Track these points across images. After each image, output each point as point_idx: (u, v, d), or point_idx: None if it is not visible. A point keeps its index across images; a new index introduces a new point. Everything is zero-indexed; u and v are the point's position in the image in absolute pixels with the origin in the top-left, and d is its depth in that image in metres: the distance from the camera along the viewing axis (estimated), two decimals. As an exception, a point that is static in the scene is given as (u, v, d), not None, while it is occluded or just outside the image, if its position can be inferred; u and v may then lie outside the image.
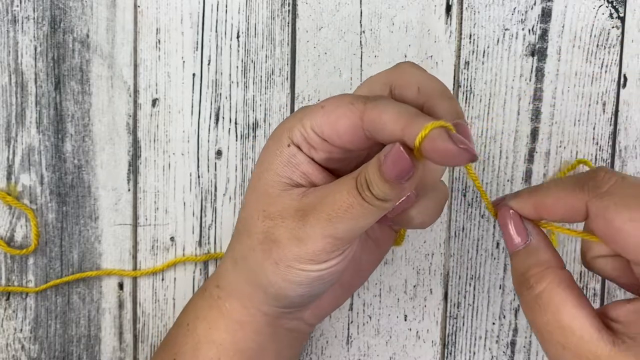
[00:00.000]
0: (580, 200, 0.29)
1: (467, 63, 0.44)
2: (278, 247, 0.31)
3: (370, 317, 0.46)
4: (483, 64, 0.44)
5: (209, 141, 0.44)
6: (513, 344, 0.46)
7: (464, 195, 0.45)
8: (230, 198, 0.45)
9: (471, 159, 0.26)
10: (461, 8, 0.44)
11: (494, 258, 0.45)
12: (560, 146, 0.45)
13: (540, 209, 0.31)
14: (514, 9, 0.44)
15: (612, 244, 0.28)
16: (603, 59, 0.45)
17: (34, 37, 0.43)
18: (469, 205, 0.45)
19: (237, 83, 0.44)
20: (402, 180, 0.28)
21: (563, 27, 0.44)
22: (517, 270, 0.31)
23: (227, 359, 0.35)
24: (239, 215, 0.35)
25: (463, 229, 0.45)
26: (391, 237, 0.38)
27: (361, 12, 0.44)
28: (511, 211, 0.32)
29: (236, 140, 0.44)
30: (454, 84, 0.45)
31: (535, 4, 0.44)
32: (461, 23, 0.44)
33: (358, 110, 0.30)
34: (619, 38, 0.45)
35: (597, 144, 0.45)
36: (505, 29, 0.44)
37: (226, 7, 0.44)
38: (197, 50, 0.44)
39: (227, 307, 0.35)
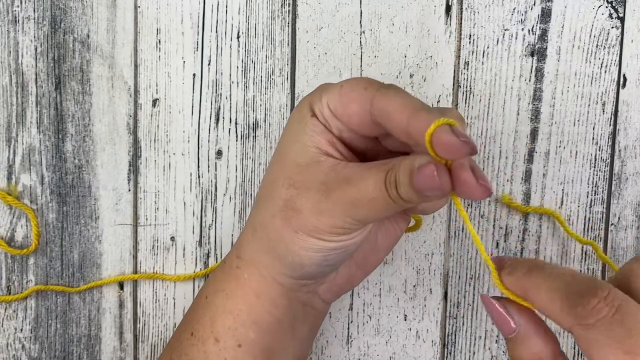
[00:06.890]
0: (566, 322, 0.28)
1: (466, 63, 0.44)
2: (299, 216, 0.32)
3: (370, 317, 0.46)
4: (483, 64, 0.44)
5: (209, 141, 0.44)
6: (513, 343, 0.46)
7: (464, 195, 0.45)
8: (230, 198, 0.45)
9: (471, 150, 0.28)
10: (461, 8, 0.44)
11: (494, 258, 0.45)
12: (559, 146, 0.45)
13: (529, 299, 0.30)
14: (514, 9, 0.44)
15: None
16: (602, 59, 0.45)
17: (35, 37, 0.43)
18: (468, 205, 0.45)
19: (237, 83, 0.44)
20: (430, 194, 0.29)
21: (563, 27, 0.44)
22: (511, 358, 0.31)
23: (244, 330, 0.36)
24: (262, 184, 0.36)
25: (463, 229, 0.45)
26: (406, 218, 0.38)
27: (361, 13, 0.44)
28: (494, 301, 0.31)
29: (236, 141, 0.44)
30: (453, 84, 0.45)
31: (534, 4, 0.44)
32: (461, 23, 0.44)
33: (369, 95, 0.31)
34: (619, 38, 0.45)
35: (596, 144, 0.45)
36: (505, 29, 0.44)
37: (226, 7, 0.44)
38: (197, 50, 0.44)
39: (246, 277, 0.36)
